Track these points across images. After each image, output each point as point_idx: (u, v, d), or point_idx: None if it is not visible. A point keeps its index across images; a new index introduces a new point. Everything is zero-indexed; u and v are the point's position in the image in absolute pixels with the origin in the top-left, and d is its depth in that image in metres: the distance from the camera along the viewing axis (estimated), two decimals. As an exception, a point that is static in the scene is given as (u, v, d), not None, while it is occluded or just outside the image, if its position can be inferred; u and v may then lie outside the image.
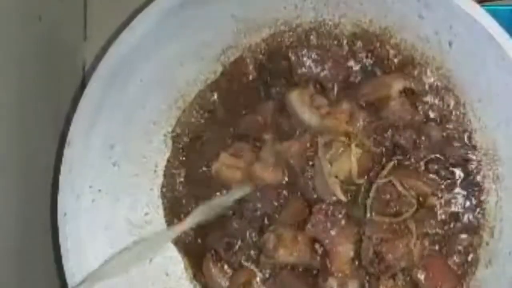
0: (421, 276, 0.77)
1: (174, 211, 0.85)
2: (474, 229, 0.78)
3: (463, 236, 0.79)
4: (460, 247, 0.78)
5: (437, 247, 0.79)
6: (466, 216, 0.79)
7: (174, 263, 0.85)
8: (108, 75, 0.77)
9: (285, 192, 0.81)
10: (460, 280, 0.78)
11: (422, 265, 0.78)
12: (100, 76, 0.77)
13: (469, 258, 0.78)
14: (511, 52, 0.70)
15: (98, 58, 0.78)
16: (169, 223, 0.85)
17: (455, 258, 0.79)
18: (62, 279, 0.79)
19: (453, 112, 0.79)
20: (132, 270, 0.81)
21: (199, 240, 0.84)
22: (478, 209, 0.78)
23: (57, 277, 0.83)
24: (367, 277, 0.79)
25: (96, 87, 0.77)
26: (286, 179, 0.81)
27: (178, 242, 0.84)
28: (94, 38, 0.97)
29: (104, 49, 0.78)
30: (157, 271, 0.83)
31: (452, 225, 0.79)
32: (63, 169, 0.77)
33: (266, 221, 0.80)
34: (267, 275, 0.81)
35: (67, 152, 0.77)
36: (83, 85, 0.90)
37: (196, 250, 0.84)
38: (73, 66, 0.93)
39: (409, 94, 0.79)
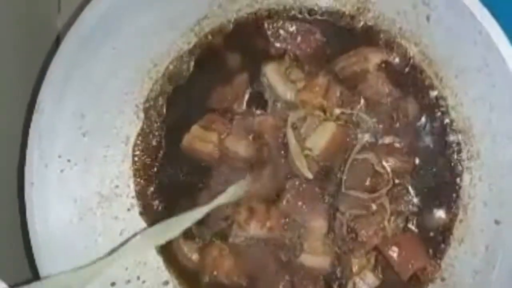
0: (393, 254, 0.77)
1: (144, 184, 0.84)
2: (449, 208, 0.78)
3: (439, 215, 0.78)
4: (435, 226, 0.78)
5: (411, 225, 0.78)
6: (441, 194, 0.79)
7: (143, 236, 0.83)
8: (80, 42, 0.75)
9: (258, 166, 0.79)
10: (433, 258, 0.78)
11: (395, 242, 0.77)
12: (72, 42, 0.75)
13: (443, 237, 0.78)
14: (488, 26, 0.70)
15: (72, 24, 0.76)
16: (139, 197, 0.84)
17: (429, 236, 0.78)
18: (28, 249, 0.77)
19: (430, 89, 0.79)
20: (100, 242, 0.80)
21: (167, 212, 0.82)
22: (453, 187, 0.78)
23: (23, 247, 0.81)
24: (340, 254, 0.78)
25: (66, 53, 0.75)
26: (259, 153, 0.80)
27: (146, 214, 0.83)
28: (68, 10, 0.95)
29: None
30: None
31: (427, 204, 0.78)
32: (31, 136, 0.75)
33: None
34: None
35: (36, 118, 0.75)
36: (56, 51, 0.88)
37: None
38: (46, 32, 0.91)
39: (387, 69, 0.79)
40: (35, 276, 0.77)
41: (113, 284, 0.80)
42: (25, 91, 0.82)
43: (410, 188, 0.79)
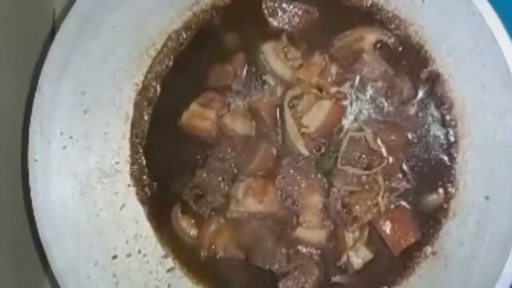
0: (386, 229, 0.79)
1: (142, 161, 0.85)
2: (441, 185, 0.80)
3: (431, 191, 0.80)
4: (427, 202, 0.80)
5: (404, 202, 0.80)
6: (434, 172, 0.80)
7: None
8: (79, 20, 0.76)
9: (255, 143, 0.81)
10: (425, 233, 0.80)
11: (388, 218, 0.79)
12: (71, 21, 0.76)
13: (436, 212, 0.80)
14: (482, 7, 0.71)
15: (69, 4, 0.77)
16: (136, 173, 0.85)
17: (422, 212, 0.80)
18: (33, 225, 0.79)
19: (424, 67, 0.80)
20: (102, 216, 0.82)
21: (162, 190, 0.85)
22: (446, 165, 0.80)
23: (27, 222, 0.82)
24: (334, 228, 0.80)
25: (67, 32, 0.76)
26: (256, 130, 0.81)
27: (140, 193, 0.85)
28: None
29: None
30: (127, 218, 0.84)
31: (420, 180, 0.80)
32: (33, 113, 0.77)
33: (235, 171, 0.81)
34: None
35: (37, 97, 0.76)
36: (53, 31, 0.89)
37: (160, 200, 0.85)
38: (43, 12, 0.91)
39: (382, 48, 0.80)
40: (39, 249, 0.79)
41: (114, 257, 0.82)
42: (26, 71, 0.83)
43: (403, 165, 0.80)
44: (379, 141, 0.79)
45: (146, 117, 0.85)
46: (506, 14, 0.71)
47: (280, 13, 0.81)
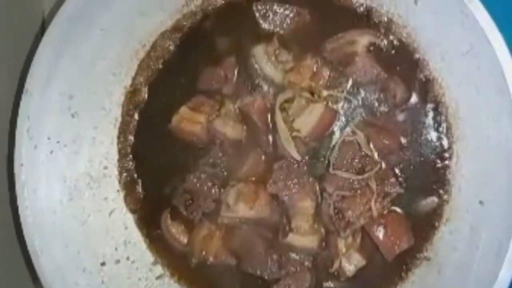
0: (379, 234, 0.78)
1: (131, 166, 0.85)
2: (435, 190, 0.79)
3: (425, 196, 0.79)
4: (421, 208, 0.79)
5: (397, 207, 0.79)
6: (427, 176, 0.79)
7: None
8: (67, 23, 0.76)
9: (246, 148, 0.80)
10: (418, 239, 0.79)
11: (381, 223, 0.78)
12: (59, 24, 0.75)
13: (429, 218, 0.79)
14: (475, 10, 0.70)
15: (58, 5, 0.76)
16: (125, 179, 0.84)
17: (415, 217, 0.79)
18: (19, 231, 0.77)
19: (417, 71, 0.79)
20: (90, 222, 0.80)
21: (152, 195, 0.84)
22: (439, 169, 0.79)
23: (14, 229, 0.81)
24: (327, 234, 0.79)
25: (55, 34, 0.76)
26: (247, 134, 0.80)
27: (129, 198, 0.84)
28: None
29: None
30: (116, 224, 0.83)
31: (413, 185, 0.79)
32: (20, 117, 0.76)
33: (226, 176, 0.80)
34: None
35: (24, 100, 0.75)
36: (42, 33, 0.88)
37: (149, 206, 0.84)
38: (32, 14, 0.90)
39: (375, 51, 0.79)
40: (26, 256, 0.78)
41: (103, 263, 0.80)
42: (13, 74, 0.82)
43: (396, 169, 0.79)
44: (371, 146, 0.79)
45: (135, 121, 0.84)
46: (500, 16, 0.70)
47: (271, 16, 0.80)
